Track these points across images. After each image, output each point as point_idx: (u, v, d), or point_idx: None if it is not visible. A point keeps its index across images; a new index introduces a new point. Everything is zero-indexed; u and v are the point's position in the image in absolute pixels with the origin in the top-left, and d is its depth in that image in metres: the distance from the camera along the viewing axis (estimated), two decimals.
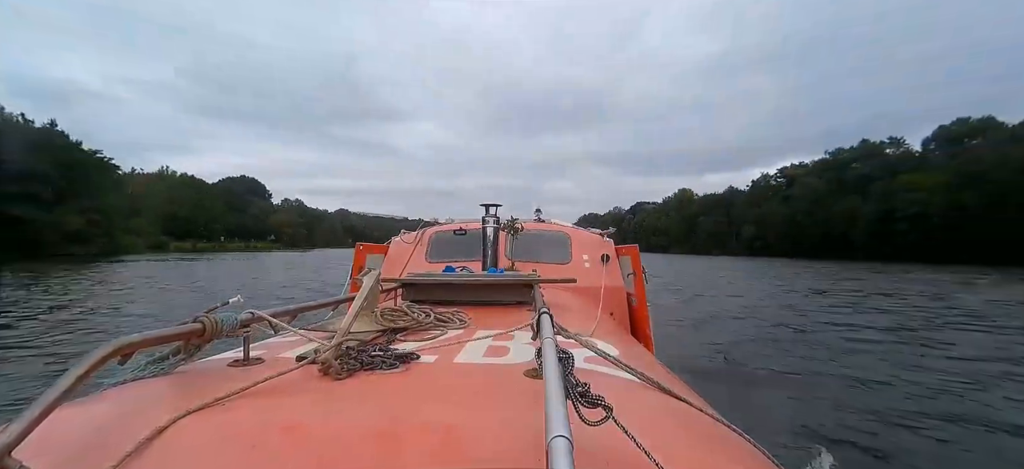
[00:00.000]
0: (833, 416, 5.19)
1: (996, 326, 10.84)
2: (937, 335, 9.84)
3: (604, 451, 0.81)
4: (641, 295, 4.21)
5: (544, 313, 1.42)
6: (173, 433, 0.92)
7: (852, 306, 14.39)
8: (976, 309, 13.59)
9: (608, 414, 0.80)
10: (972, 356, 7.93)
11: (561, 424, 0.63)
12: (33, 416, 0.74)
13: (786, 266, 39.30)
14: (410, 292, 2.86)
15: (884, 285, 21.22)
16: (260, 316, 1.47)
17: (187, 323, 1.27)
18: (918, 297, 16.70)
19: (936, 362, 7.60)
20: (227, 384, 1.12)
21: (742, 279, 26.19)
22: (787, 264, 42.23)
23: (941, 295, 17.18)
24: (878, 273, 29.47)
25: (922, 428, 4.90)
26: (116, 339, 1.03)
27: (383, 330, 1.85)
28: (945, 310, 13.49)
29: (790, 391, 6.20)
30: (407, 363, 1.39)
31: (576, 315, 2.71)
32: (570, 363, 0.96)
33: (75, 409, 1.06)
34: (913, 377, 6.73)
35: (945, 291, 18.48)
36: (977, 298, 16.20)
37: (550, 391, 0.76)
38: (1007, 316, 12.33)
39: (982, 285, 20.93)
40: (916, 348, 8.68)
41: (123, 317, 11.23)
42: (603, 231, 4.88)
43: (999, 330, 10.34)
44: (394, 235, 4.84)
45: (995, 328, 10.58)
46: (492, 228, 3.66)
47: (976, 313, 12.84)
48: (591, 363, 1.43)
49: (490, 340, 1.73)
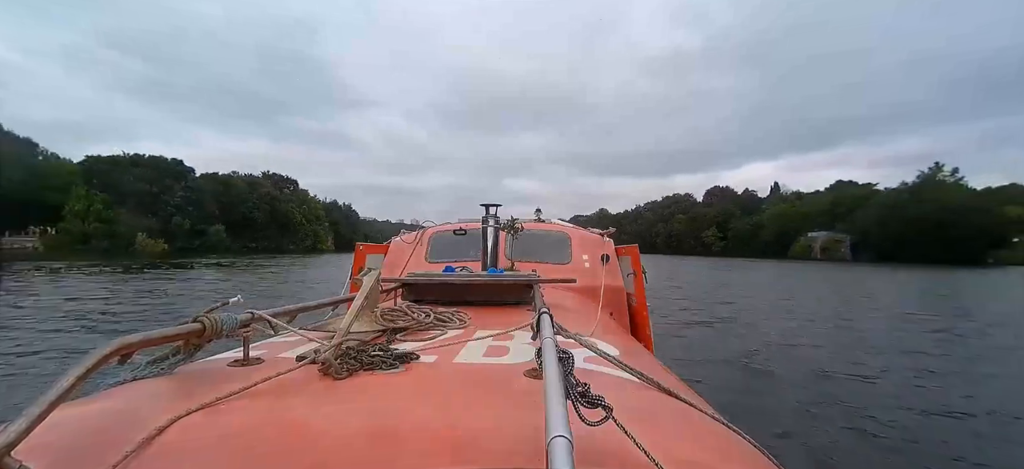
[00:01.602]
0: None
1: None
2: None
3: (604, 451, 0.81)
4: (641, 295, 4.22)
5: (544, 313, 1.42)
6: (173, 433, 0.92)
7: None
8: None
9: (608, 414, 0.80)
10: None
11: (561, 424, 0.63)
12: (33, 416, 0.74)
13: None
14: (410, 292, 2.86)
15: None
16: (260, 316, 1.47)
17: (187, 323, 1.27)
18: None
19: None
20: (227, 384, 1.12)
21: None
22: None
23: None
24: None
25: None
26: (116, 339, 1.03)
27: (383, 330, 1.85)
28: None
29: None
30: (407, 363, 1.39)
31: (576, 315, 2.71)
32: (570, 363, 0.96)
33: (75, 409, 1.06)
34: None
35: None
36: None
37: (550, 391, 0.76)
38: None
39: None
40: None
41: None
42: (603, 231, 4.88)
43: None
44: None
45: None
46: (492, 228, 3.66)
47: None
48: (591, 363, 1.43)
49: (490, 340, 1.73)
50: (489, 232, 3.65)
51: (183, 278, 23.99)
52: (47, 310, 12.22)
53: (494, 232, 3.67)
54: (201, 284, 21.06)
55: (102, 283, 19.63)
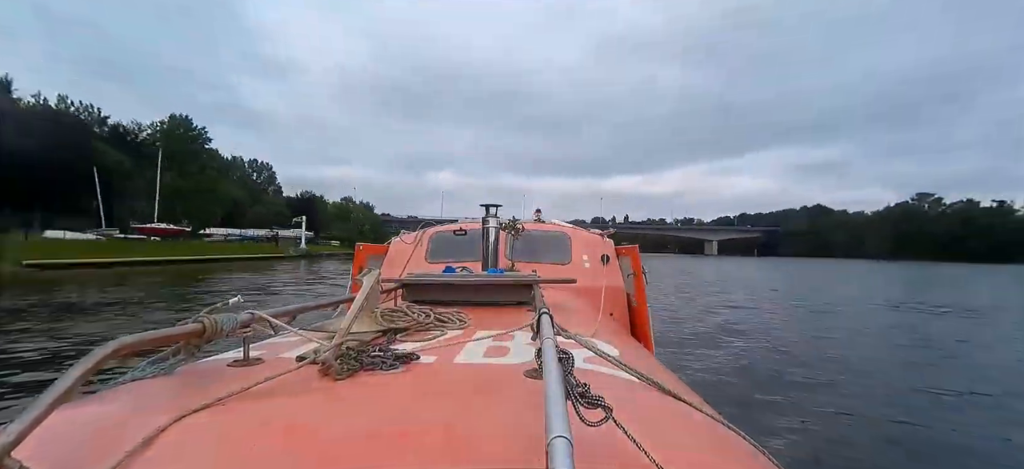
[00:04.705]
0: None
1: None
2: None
3: (604, 451, 0.81)
4: (641, 295, 4.21)
5: (544, 313, 1.42)
6: (173, 433, 0.92)
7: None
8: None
9: (608, 414, 0.80)
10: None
11: (561, 424, 0.63)
12: (33, 416, 0.73)
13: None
14: (410, 292, 2.86)
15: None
16: (260, 316, 1.47)
17: (187, 323, 1.27)
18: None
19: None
20: (227, 384, 1.12)
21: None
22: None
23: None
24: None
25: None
26: (116, 339, 1.03)
27: (383, 330, 1.85)
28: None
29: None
30: (407, 363, 1.39)
31: (576, 315, 2.71)
32: (570, 363, 0.96)
33: (75, 409, 1.06)
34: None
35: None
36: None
37: (550, 391, 0.76)
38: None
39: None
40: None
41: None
42: (603, 231, 4.88)
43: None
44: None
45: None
46: (492, 228, 3.66)
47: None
48: (591, 363, 1.43)
49: (490, 340, 1.73)
50: (489, 232, 3.65)
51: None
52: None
53: (494, 232, 3.67)
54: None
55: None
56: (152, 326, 1.42)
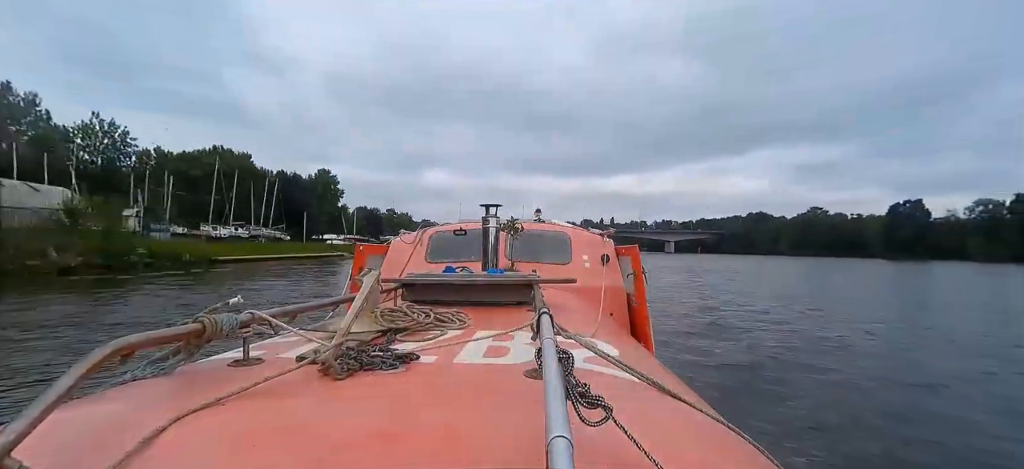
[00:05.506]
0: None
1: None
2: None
3: (604, 451, 0.81)
4: (641, 295, 4.21)
5: (544, 313, 1.42)
6: (173, 433, 0.92)
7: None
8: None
9: (608, 414, 0.80)
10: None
11: (561, 424, 0.63)
12: (33, 416, 0.73)
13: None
14: (410, 292, 2.86)
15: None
16: (260, 316, 1.46)
17: (187, 323, 1.27)
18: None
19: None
20: (227, 384, 1.12)
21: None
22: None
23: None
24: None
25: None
26: (116, 339, 1.03)
27: (383, 330, 1.85)
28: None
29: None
30: (407, 363, 1.39)
31: (576, 315, 2.71)
32: (570, 363, 0.96)
33: (75, 409, 1.06)
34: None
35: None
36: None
37: (550, 391, 0.76)
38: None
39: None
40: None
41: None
42: (603, 231, 4.88)
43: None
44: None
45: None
46: (492, 228, 3.66)
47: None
48: (591, 363, 1.43)
49: (490, 340, 1.73)
50: (489, 232, 3.65)
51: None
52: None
53: (494, 232, 3.67)
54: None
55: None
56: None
